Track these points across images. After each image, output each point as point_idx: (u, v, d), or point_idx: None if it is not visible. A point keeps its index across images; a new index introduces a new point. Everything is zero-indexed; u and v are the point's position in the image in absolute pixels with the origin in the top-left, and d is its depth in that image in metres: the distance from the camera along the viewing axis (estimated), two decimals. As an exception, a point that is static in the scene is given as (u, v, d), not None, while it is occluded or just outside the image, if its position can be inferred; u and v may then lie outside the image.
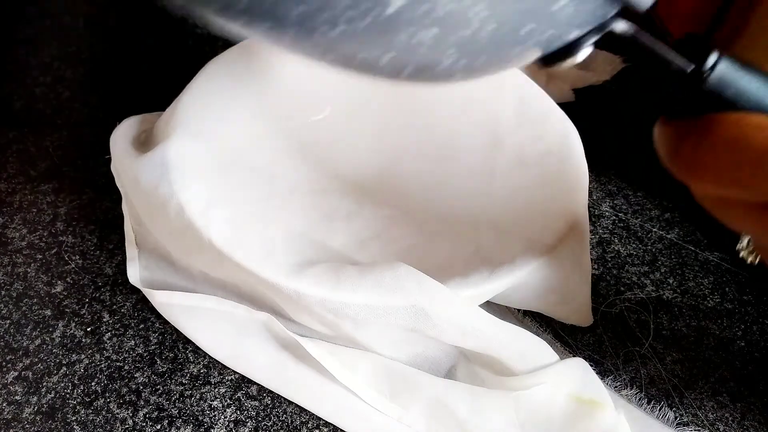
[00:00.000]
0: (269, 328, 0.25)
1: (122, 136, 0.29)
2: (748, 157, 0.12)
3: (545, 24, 0.12)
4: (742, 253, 0.17)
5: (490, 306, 0.25)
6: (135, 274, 0.27)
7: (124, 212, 0.29)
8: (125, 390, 0.25)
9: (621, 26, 0.14)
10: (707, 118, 0.13)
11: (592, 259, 0.31)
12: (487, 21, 0.11)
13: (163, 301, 0.26)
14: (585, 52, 0.14)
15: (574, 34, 0.13)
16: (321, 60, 0.12)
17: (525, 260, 0.24)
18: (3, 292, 0.29)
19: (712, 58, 0.13)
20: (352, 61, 0.12)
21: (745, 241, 0.17)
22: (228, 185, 0.25)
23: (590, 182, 0.28)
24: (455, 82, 0.14)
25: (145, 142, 0.29)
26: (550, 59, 0.14)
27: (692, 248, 0.32)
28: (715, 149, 0.13)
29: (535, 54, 0.14)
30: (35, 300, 0.28)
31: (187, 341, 0.27)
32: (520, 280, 0.24)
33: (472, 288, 0.23)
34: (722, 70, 0.13)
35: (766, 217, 0.13)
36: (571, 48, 0.14)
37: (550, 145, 0.29)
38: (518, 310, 0.28)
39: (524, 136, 0.31)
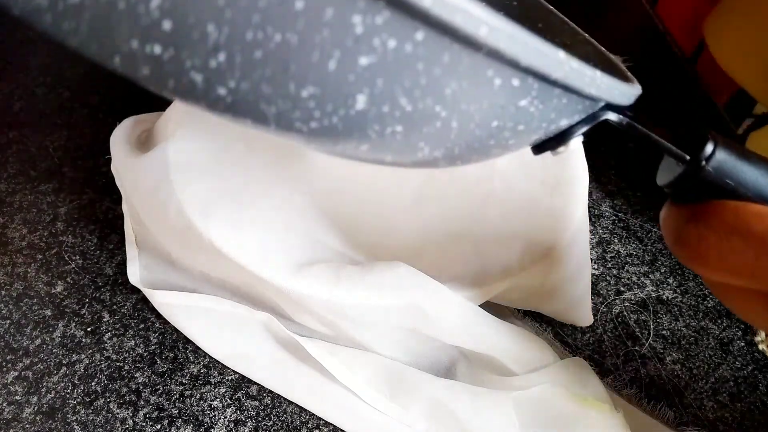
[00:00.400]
0: (269, 328, 0.25)
1: (122, 135, 0.29)
2: (750, 245, 0.12)
3: (514, 120, 0.12)
4: (760, 346, 0.17)
5: (489, 306, 0.25)
6: (135, 273, 0.27)
7: (124, 212, 0.29)
8: (125, 390, 0.25)
9: (612, 117, 0.14)
10: (709, 204, 0.13)
11: (592, 259, 0.31)
12: (448, 119, 0.11)
13: (163, 301, 0.26)
14: (577, 140, 0.14)
15: (561, 124, 0.13)
16: (307, 147, 0.13)
17: (524, 260, 0.24)
18: (3, 292, 0.29)
19: (709, 149, 0.13)
20: (333, 149, 0.13)
21: (762, 334, 0.17)
22: (228, 185, 0.25)
23: (590, 182, 0.28)
24: (445, 167, 0.14)
25: (145, 142, 0.29)
26: (540, 147, 0.14)
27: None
28: (718, 237, 0.13)
29: (520, 145, 0.13)
30: (35, 300, 0.28)
31: (187, 341, 0.27)
32: (520, 280, 0.24)
33: (471, 288, 0.23)
34: (719, 160, 0.13)
35: None
36: (561, 137, 0.14)
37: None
38: (518, 310, 0.28)
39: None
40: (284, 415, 0.25)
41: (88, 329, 0.27)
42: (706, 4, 0.42)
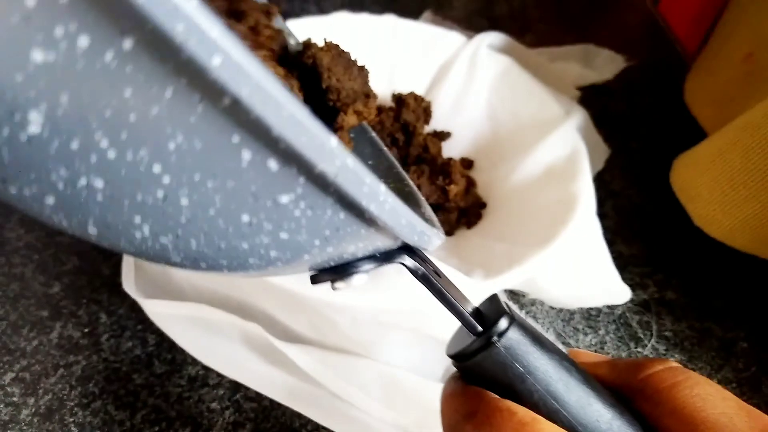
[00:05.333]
0: (259, 338, 0.24)
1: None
2: None
3: (272, 221, 0.09)
4: None
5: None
6: (130, 281, 0.27)
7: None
8: (123, 392, 0.25)
9: (409, 263, 0.13)
10: (496, 407, 0.12)
11: (594, 260, 0.31)
12: (173, 189, 0.08)
13: (155, 310, 0.25)
14: (361, 279, 0.12)
15: (344, 249, 0.11)
16: None
17: (531, 255, 0.24)
18: (0, 293, 0.28)
19: (503, 324, 0.12)
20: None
21: None
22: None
23: (593, 181, 0.28)
24: (204, 271, 0.11)
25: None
26: (317, 278, 0.12)
27: (696, 248, 0.32)
28: None
29: (289, 262, 0.11)
30: (32, 301, 0.28)
31: (185, 343, 0.26)
32: (529, 274, 0.23)
33: (484, 278, 0.23)
34: (512, 339, 0.12)
35: None
36: (342, 270, 0.12)
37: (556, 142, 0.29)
38: (521, 310, 0.28)
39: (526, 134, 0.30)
40: (283, 417, 0.24)
41: (85, 330, 0.27)
42: (708, 6, 0.42)
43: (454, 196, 0.28)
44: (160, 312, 0.24)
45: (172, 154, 0.08)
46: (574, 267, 0.26)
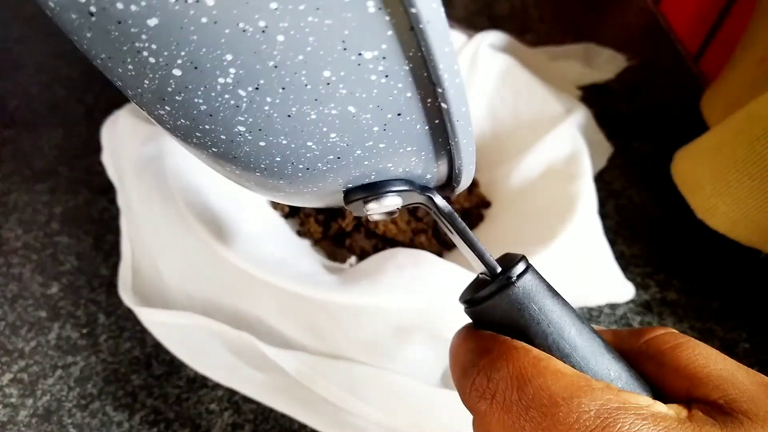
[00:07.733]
0: (251, 346, 0.24)
1: (115, 125, 0.28)
2: (538, 403, 0.11)
3: (348, 83, 0.10)
4: None
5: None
6: (127, 290, 0.27)
7: (119, 206, 0.29)
8: (121, 393, 0.25)
9: (440, 201, 0.13)
10: (509, 344, 0.12)
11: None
12: (275, 22, 0.08)
13: (151, 318, 0.25)
14: (393, 201, 0.12)
15: (385, 162, 0.11)
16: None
17: (532, 254, 0.23)
18: (-2, 294, 0.28)
19: (521, 267, 0.12)
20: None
21: None
22: (232, 190, 0.25)
23: (594, 182, 0.28)
24: (250, 162, 0.11)
25: (137, 132, 0.28)
26: (350, 194, 0.12)
27: (698, 248, 0.32)
28: (507, 384, 0.11)
29: (340, 154, 0.11)
30: (30, 301, 0.28)
31: (184, 343, 0.26)
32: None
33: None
34: (529, 281, 0.12)
35: None
36: (376, 188, 0.12)
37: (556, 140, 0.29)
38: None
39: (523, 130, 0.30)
40: (282, 419, 0.24)
41: (84, 331, 0.27)
42: (711, 3, 0.42)
43: (456, 196, 0.28)
44: (155, 320, 0.24)
45: None
46: (575, 266, 0.26)
